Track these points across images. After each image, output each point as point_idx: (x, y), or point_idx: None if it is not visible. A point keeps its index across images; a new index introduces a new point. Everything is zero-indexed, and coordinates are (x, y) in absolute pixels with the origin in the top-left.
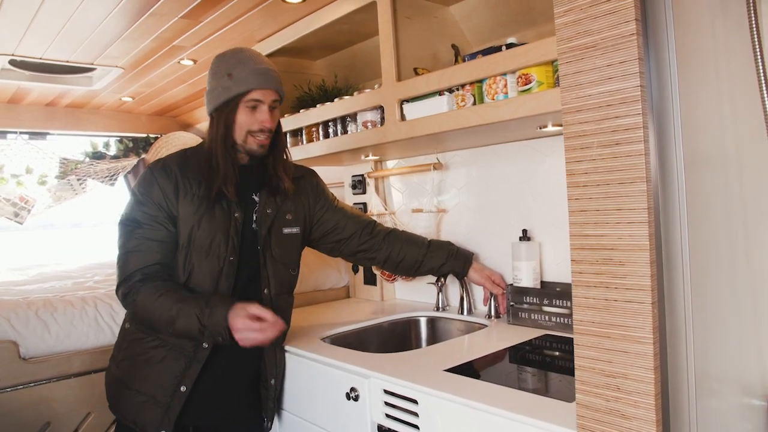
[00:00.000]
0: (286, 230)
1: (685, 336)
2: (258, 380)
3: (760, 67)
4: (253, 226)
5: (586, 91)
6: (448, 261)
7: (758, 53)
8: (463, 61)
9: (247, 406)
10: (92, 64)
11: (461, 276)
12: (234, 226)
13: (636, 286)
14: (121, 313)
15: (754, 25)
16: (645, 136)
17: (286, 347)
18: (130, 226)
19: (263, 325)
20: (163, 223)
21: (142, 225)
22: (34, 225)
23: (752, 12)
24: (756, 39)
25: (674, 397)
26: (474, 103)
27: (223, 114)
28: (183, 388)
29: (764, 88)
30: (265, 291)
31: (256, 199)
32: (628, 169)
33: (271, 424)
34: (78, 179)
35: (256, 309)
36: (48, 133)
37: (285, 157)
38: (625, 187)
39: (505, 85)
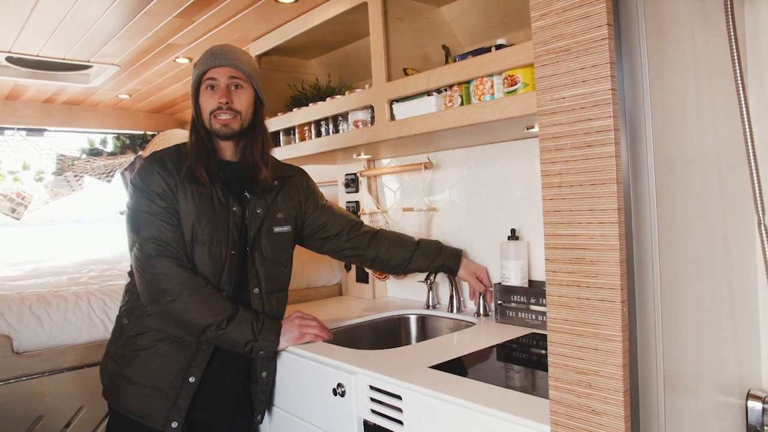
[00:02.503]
0: (277, 229)
1: (654, 334)
2: (249, 375)
3: (737, 70)
4: (246, 223)
5: (560, 94)
6: (438, 257)
7: (735, 56)
8: (454, 61)
9: (239, 400)
10: (89, 61)
11: (454, 271)
12: (233, 220)
13: (606, 285)
14: (113, 308)
15: (731, 28)
16: (616, 139)
17: None
18: (145, 217)
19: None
20: (174, 214)
21: (157, 216)
22: (34, 221)
23: (729, 15)
24: (733, 42)
25: (644, 393)
26: (461, 104)
27: (193, 102)
28: (192, 379)
29: (741, 90)
30: (255, 290)
31: (248, 196)
32: (600, 170)
33: (262, 417)
34: (75, 176)
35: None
36: (45, 130)
37: (262, 145)
38: (596, 188)
39: (492, 86)
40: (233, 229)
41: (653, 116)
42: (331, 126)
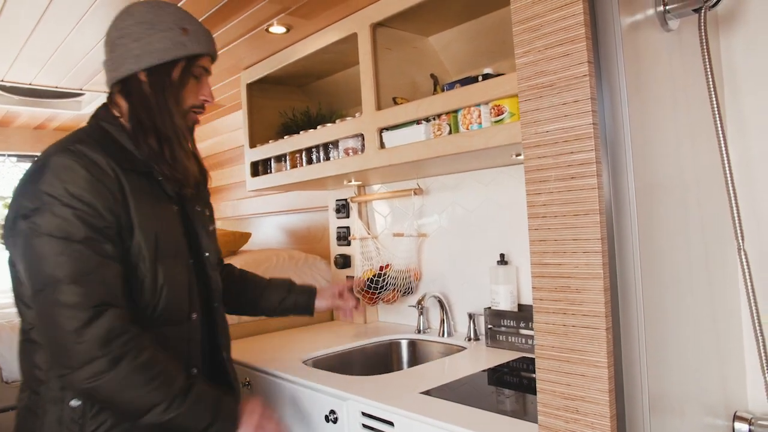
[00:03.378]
0: (211, 227)
1: (639, 359)
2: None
3: (713, 98)
4: (193, 226)
5: (544, 128)
6: (289, 296)
7: (711, 85)
8: (442, 90)
9: None
10: (81, 89)
11: (309, 310)
12: (181, 223)
13: (591, 312)
14: None
15: (707, 59)
16: (598, 171)
17: (269, 369)
18: (67, 247)
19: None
20: (112, 235)
21: (88, 244)
22: None
23: (705, 46)
24: (709, 72)
25: (630, 417)
26: (450, 132)
27: (169, 75)
28: (194, 370)
29: (717, 118)
30: (215, 304)
31: (170, 193)
32: (583, 201)
33: None
34: None
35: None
36: (36, 156)
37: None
38: (580, 218)
39: (479, 116)
40: (184, 233)
41: (633, 147)
42: (322, 153)
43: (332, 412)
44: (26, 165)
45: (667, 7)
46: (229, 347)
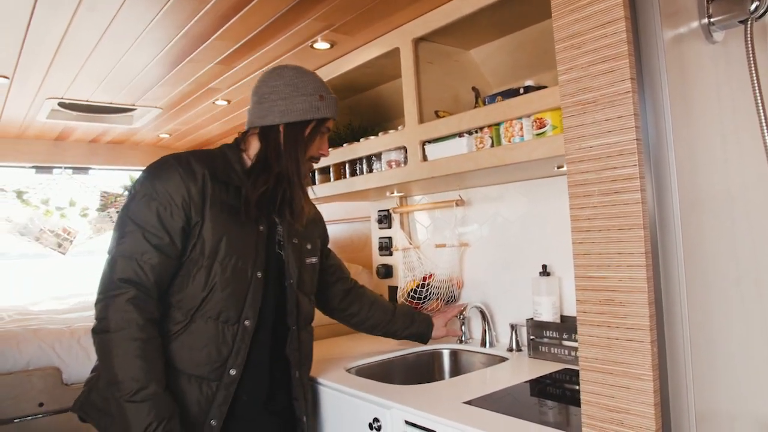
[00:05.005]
0: (308, 260)
1: (684, 373)
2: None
3: (761, 110)
4: (280, 252)
5: (587, 143)
6: (412, 326)
7: (758, 97)
8: (484, 103)
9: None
10: (134, 105)
11: (425, 338)
12: (262, 240)
13: (636, 325)
14: None
15: (753, 71)
16: (642, 186)
17: (313, 377)
18: (133, 230)
19: None
20: (177, 236)
21: (149, 234)
22: (73, 253)
23: (751, 58)
24: (756, 83)
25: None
26: (492, 145)
27: (302, 131)
28: (232, 372)
29: (765, 130)
30: (293, 327)
31: (276, 220)
32: (627, 216)
33: None
34: (117, 212)
35: None
36: (90, 168)
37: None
38: (624, 232)
39: (521, 129)
40: (261, 249)
41: (677, 162)
42: (365, 165)
43: (376, 420)
44: (81, 177)
45: (712, 20)
46: (301, 366)
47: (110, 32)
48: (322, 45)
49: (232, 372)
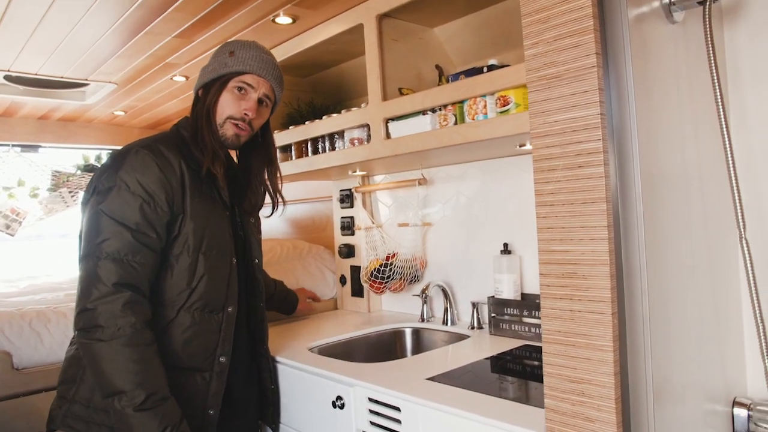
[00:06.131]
0: (259, 236)
1: (643, 344)
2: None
3: (717, 89)
4: (241, 233)
5: (552, 118)
6: (286, 300)
7: (715, 77)
8: (447, 81)
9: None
10: (86, 80)
11: (290, 312)
12: (229, 224)
13: (597, 297)
14: None
15: (711, 50)
16: (605, 160)
17: (276, 357)
18: (114, 228)
19: None
20: (160, 229)
21: (134, 229)
22: (22, 236)
23: (709, 38)
24: (713, 63)
25: (634, 401)
26: (456, 123)
27: (211, 90)
28: (222, 359)
29: (721, 109)
30: (261, 304)
31: (225, 199)
32: (590, 189)
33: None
34: (69, 192)
35: None
36: (40, 146)
37: (278, 173)
38: (587, 206)
39: (485, 106)
40: (232, 234)
41: (639, 137)
42: (327, 143)
43: (339, 398)
44: (30, 155)
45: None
46: (266, 341)
47: (59, 1)
48: (284, 20)
49: (222, 359)
